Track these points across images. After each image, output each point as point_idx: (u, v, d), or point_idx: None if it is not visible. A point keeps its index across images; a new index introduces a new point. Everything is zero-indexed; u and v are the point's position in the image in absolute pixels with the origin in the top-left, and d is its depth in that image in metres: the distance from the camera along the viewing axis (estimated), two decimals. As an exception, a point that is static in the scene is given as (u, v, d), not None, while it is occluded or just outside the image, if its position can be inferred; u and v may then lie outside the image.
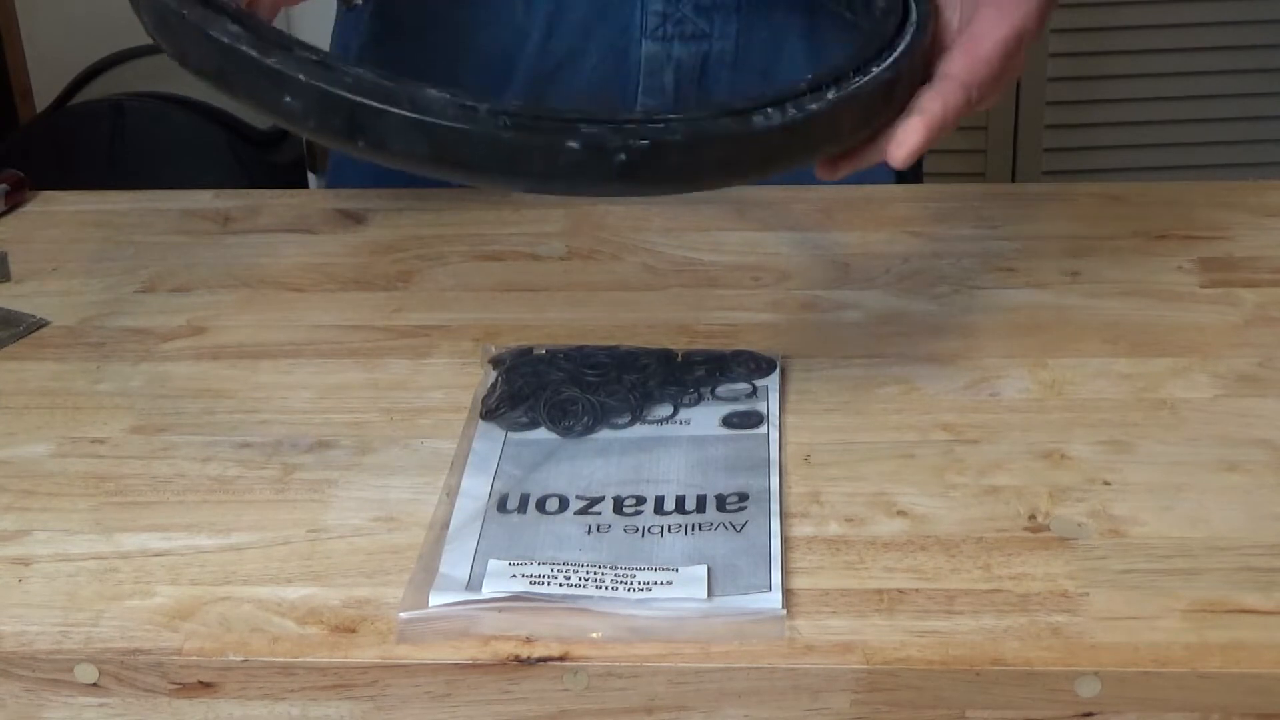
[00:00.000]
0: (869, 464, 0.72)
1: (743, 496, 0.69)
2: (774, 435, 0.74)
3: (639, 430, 0.75)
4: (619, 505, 0.69)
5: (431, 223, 0.99)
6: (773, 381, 0.78)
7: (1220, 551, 0.66)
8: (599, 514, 0.69)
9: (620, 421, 0.76)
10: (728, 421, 0.75)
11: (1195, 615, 0.62)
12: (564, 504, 0.69)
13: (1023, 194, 1.02)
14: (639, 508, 0.69)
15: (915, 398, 0.78)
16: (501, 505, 0.70)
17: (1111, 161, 2.23)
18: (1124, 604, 0.63)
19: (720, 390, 0.78)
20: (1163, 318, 0.84)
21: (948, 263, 0.91)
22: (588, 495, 0.70)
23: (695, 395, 0.77)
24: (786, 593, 0.63)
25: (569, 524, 0.68)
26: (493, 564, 0.65)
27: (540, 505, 0.69)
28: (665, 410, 0.76)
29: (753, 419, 0.75)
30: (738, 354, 0.81)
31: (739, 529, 0.67)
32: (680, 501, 0.69)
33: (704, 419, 0.76)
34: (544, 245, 0.95)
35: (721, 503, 0.69)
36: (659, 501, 0.69)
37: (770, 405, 0.76)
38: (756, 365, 0.80)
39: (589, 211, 0.98)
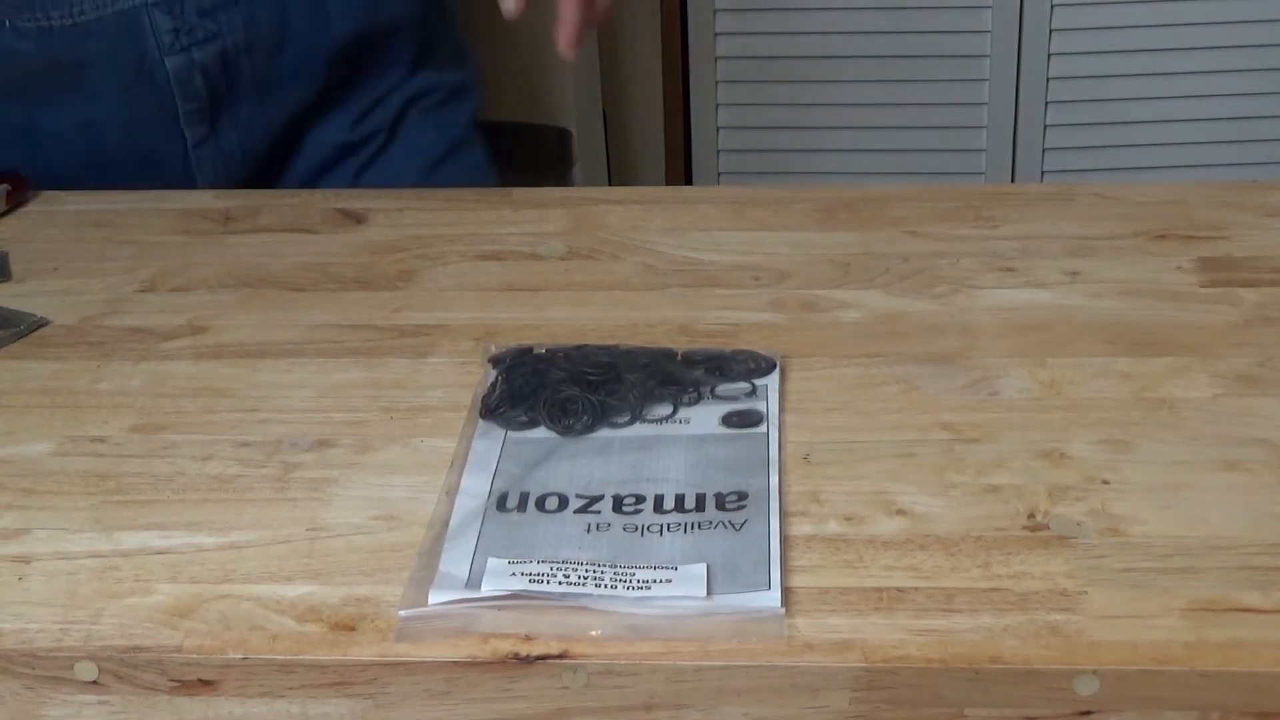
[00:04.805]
0: (869, 463, 0.72)
1: (742, 495, 0.69)
2: (774, 434, 0.74)
3: (639, 429, 0.75)
4: (618, 504, 0.69)
5: (431, 223, 0.99)
6: (772, 381, 0.78)
7: (1219, 551, 0.66)
8: (598, 512, 0.69)
9: (620, 420, 0.76)
10: (727, 420, 0.75)
11: (1194, 614, 0.62)
12: (564, 502, 0.70)
13: (1023, 194, 1.02)
14: (638, 506, 0.69)
15: (915, 397, 0.78)
16: (501, 504, 0.70)
17: (1111, 161, 2.23)
18: (1123, 603, 0.63)
19: (720, 389, 0.78)
20: (1162, 318, 0.85)
21: (948, 263, 0.91)
22: (587, 494, 0.70)
23: (695, 394, 0.77)
24: (785, 591, 0.63)
25: (568, 522, 0.68)
26: (492, 562, 0.65)
27: (540, 504, 0.69)
28: (665, 409, 0.76)
29: (752, 418, 0.75)
30: (738, 353, 0.81)
31: (738, 528, 0.67)
32: (680, 500, 0.69)
33: (704, 418, 0.76)
34: (544, 245, 0.95)
35: (721, 501, 0.69)
36: (658, 500, 0.69)
37: (770, 404, 0.76)
38: (756, 365, 0.80)
39: (589, 211, 0.99)
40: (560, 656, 0.61)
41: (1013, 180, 2.21)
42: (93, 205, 1.03)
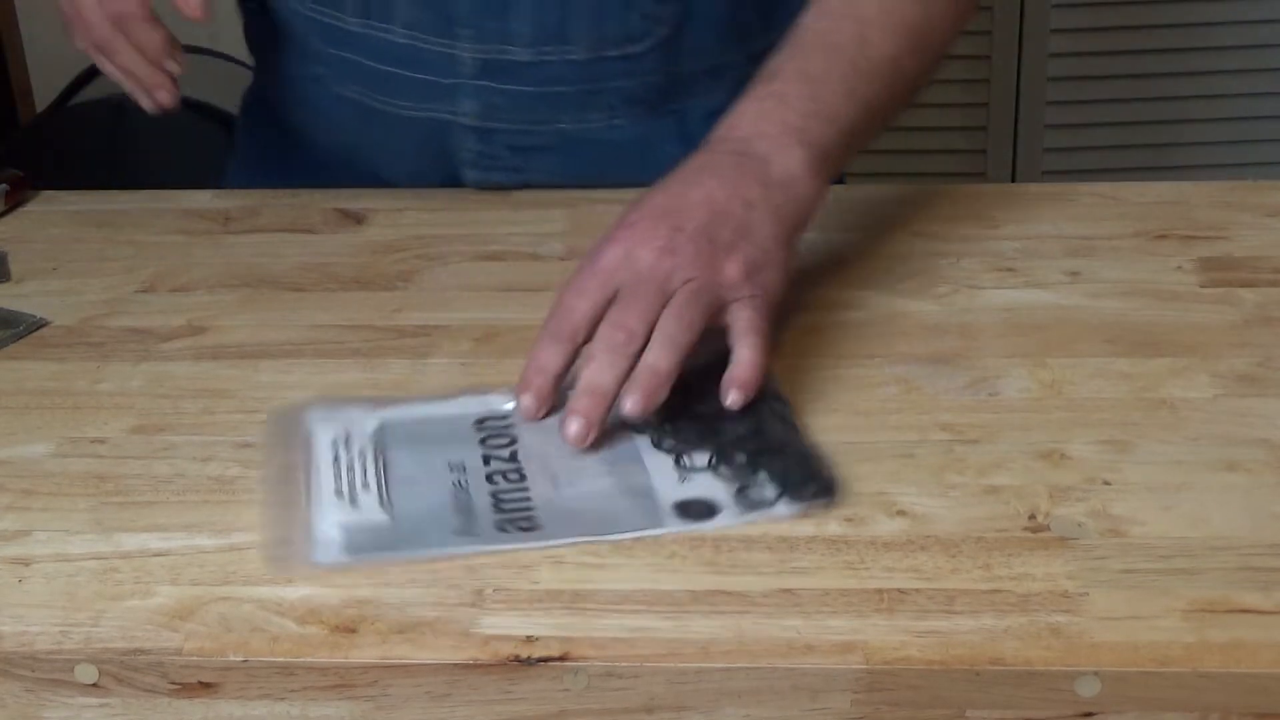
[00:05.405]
0: (869, 463, 0.72)
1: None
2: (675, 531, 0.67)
3: (623, 435, 0.73)
4: (493, 477, 0.71)
5: (431, 223, 0.99)
6: (809, 508, 0.68)
7: (1220, 551, 0.66)
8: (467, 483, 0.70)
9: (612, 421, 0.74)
10: (682, 508, 0.68)
11: (1195, 615, 0.62)
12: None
13: (1023, 194, 1.02)
14: (510, 483, 0.70)
15: (915, 398, 0.78)
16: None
17: (1111, 161, 2.23)
18: (1124, 604, 0.63)
19: (750, 491, 0.69)
20: (1162, 318, 0.84)
21: (948, 263, 0.91)
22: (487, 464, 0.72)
23: (714, 461, 0.70)
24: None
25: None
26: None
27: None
28: (668, 449, 0.72)
29: (701, 511, 0.68)
30: (804, 458, 0.71)
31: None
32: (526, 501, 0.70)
33: (670, 483, 0.70)
34: (544, 245, 0.95)
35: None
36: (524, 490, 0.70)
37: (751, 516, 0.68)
38: (818, 487, 0.69)
39: (589, 211, 0.98)
40: (561, 659, 0.61)
41: (1013, 180, 2.21)
42: (92, 205, 1.03)
